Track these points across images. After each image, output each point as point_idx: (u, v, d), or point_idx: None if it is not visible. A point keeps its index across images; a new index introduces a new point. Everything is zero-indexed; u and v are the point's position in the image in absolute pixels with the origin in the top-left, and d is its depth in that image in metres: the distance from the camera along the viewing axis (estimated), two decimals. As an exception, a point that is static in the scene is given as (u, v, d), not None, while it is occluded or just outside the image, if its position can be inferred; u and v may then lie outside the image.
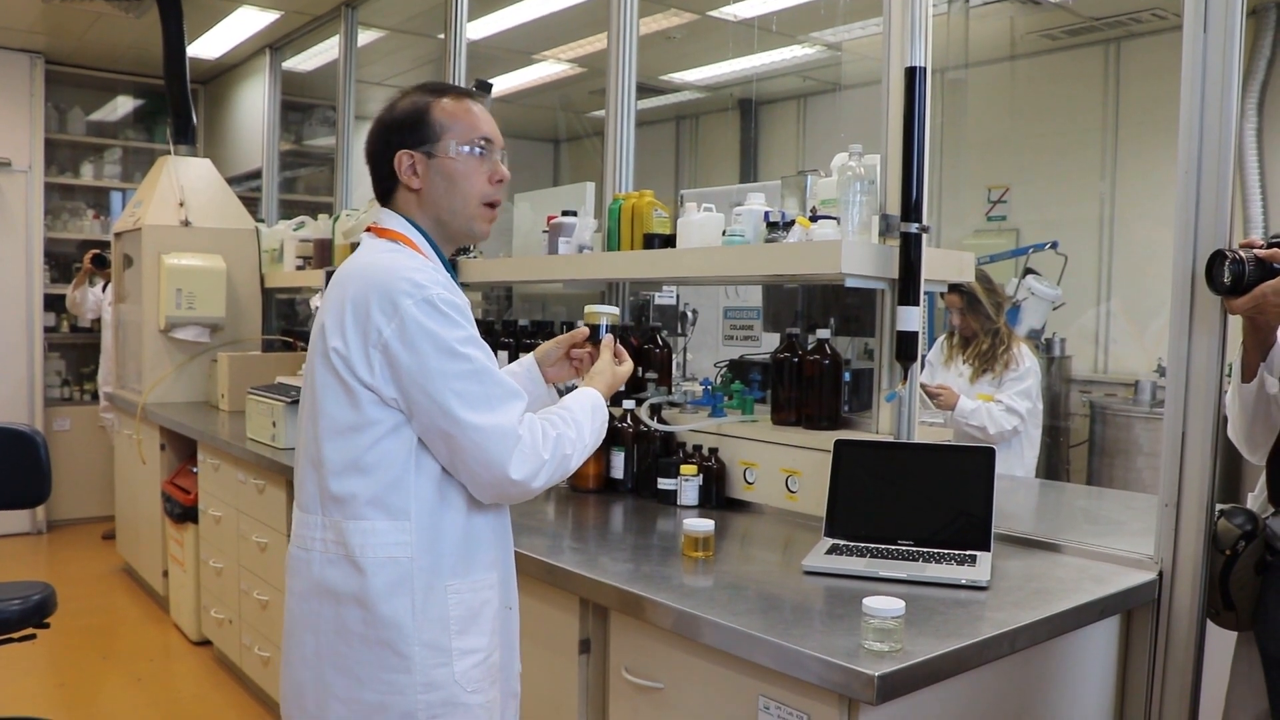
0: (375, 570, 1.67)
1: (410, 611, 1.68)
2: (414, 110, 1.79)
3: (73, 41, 6.49)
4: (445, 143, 1.77)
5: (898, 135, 2.44)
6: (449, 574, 1.72)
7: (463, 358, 1.65)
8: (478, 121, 1.81)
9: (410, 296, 1.64)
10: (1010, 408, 3.65)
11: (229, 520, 4.11)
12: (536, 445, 1.67)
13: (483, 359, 1.68)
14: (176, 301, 5.10)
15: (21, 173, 6.65)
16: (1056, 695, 2.02)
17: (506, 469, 1.64)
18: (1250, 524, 2.01)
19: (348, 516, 1.69)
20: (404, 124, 1.78)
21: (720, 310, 3.89)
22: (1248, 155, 4.92)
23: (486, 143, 1.81)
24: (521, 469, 1.65)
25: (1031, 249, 5.43)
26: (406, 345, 1.63)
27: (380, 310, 1.64)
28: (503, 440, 1.64)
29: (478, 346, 1.68)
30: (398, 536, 1.68)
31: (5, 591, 3.14)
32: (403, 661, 1.68)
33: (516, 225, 3.87)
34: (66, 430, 6.89)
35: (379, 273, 1.68)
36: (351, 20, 5.50)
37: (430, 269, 1.72)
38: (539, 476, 1.68)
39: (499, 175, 1.83)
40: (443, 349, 1.64)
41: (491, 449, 1.64)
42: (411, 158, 1.78)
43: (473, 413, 1.64)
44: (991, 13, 5.49)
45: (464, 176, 1.79)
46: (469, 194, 1.80)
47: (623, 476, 2.98)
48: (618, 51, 3.44)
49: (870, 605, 1.64)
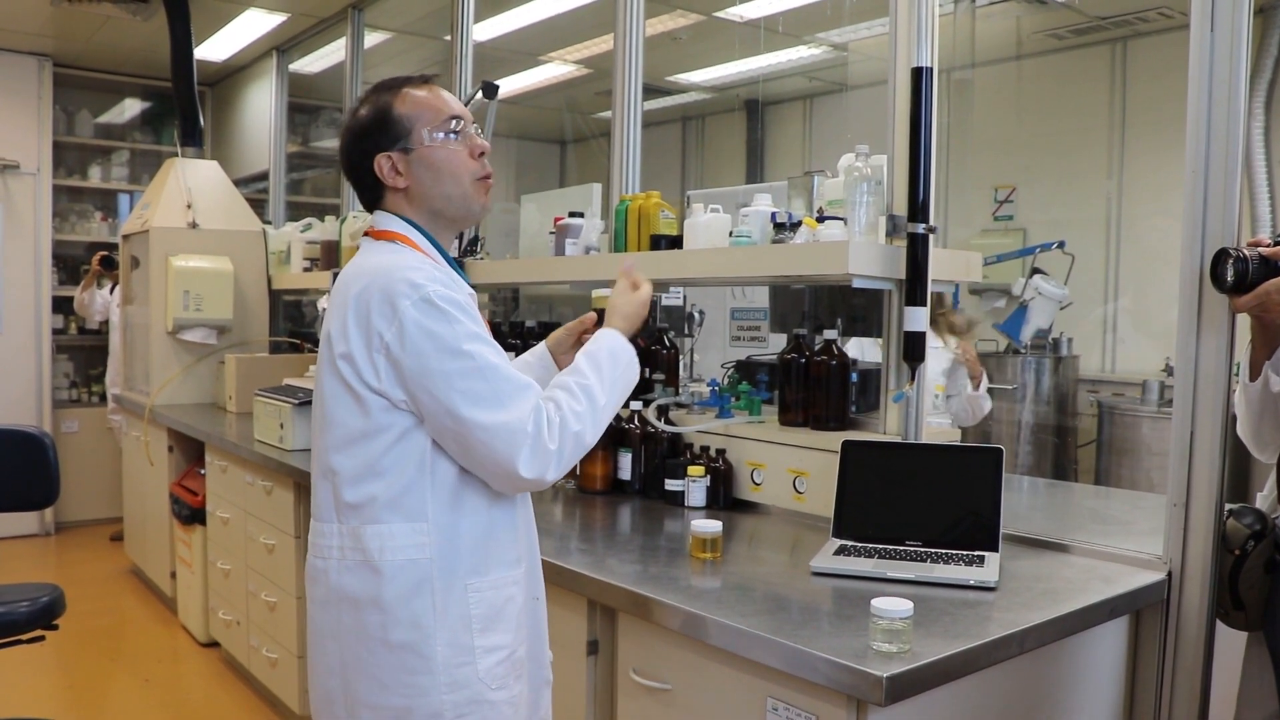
0: (394, 573, 1.67)
1: (431, 612, 1.68)
2: (377, 112, 1.77)
3: (81, 44, 6.52)
4: (418, 134, 1.76)
5: (904, 136, 2.44)
6: (469, 573, 1.71)
7: (465, 355, 1.63)
8: (442, 104, 1.79)
9: (408, 297, 1.62)
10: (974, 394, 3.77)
11: (237, 522, 4.12)
12: (543, 438, 1.64)
13: (487, 354, 1.65)
14: (184, 303, 5.11)
15: (30, 175, 6.68)
16: (1065, 696, 2.02)
17: (516, 467, 1.63)
18: (1260, 523, 2.00)
19: (365, 521, 1.69)
20: (372, 128, 1.77)
21: (727, 311, 3.89)
22: (1255, 154, 4.91)
23: (457, 121, 1.79)
24: (532, 466, 1.63)
25: (1038, 249, 5.42)
26: (408, 347, 1.62)
27: (380, 314, 1.63)
28: (510, 438, 1.62)
29: (481, 342, 1.66)
30: (416, 538, 1.68)
31: (14, 593, 3.15)
32: (425, 663, 1.67)
33: (523, 226, 3.87)
34: (75, 432, 6.91)
35: (377, 275, 1.66)
36: (358, 22, 5.51)
37: (429, 266, 1.71)
38: (550, 469, 1.65)
39: (479, 148, 1.81)
40: (444, 348, 1.62)
41: (499, 448, 1.62)
42: (390, 158, 1.76)
43: (479, 411, 1.62)
44: (998, 12, 5.48)
45: (447, 161, 1.77)
46: (458, 175, 1.79)
47: (630, 478, 2.98)
48: (624, 52, 3.44)
49: (879, 606, 1.64)
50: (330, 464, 1.72)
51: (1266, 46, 4.96)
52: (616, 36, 3.46)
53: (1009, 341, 5.33)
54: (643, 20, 3.45)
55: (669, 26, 5.70)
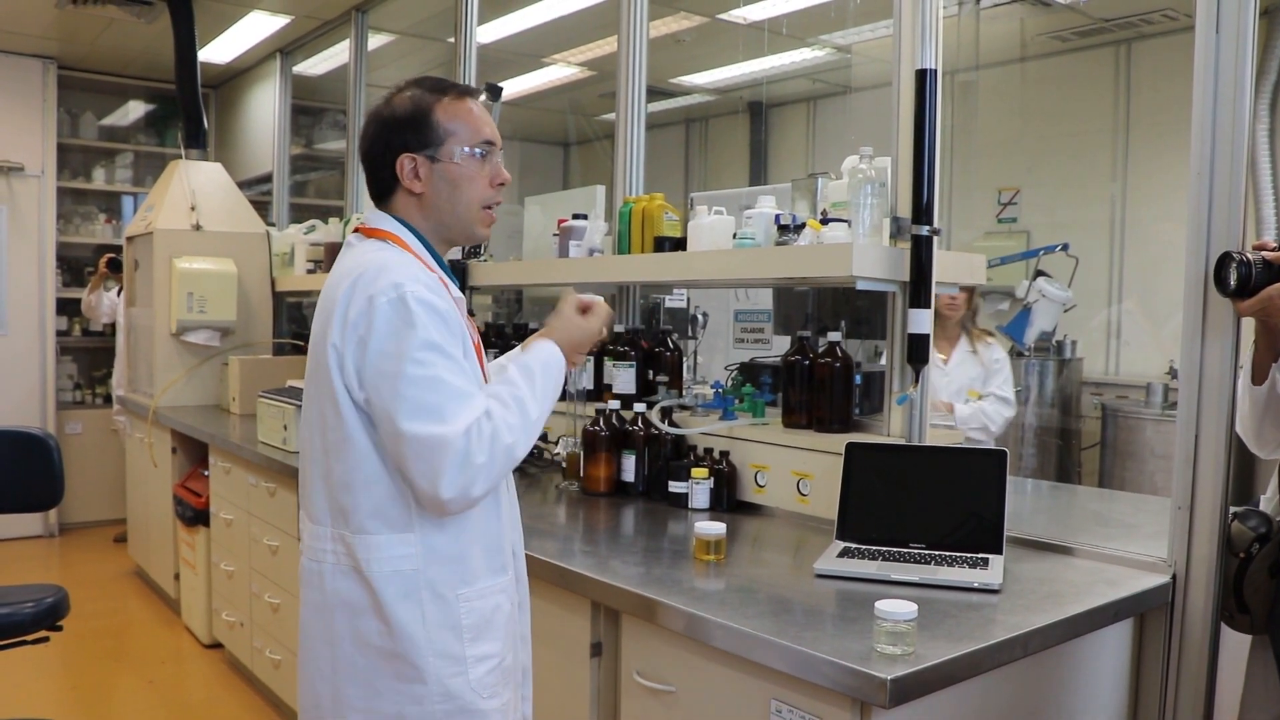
0: (384, 583, 1.67)
1: (421, 623, 1.67)
2: (416, 110, 1.74)
3: (85, 47, 6.53)
4: (449, 147, 1.73)
5: (908, 138, 2.44)
6: (458, 583, 1.71)
7: (417, 362, 1.58)
8: (480, 124, 1.77)
9: (385, 295, 1.60)
10: (1002, 398, 3.70)
11: (240, 523, 4.12)
12: (472, 453, 1.57)
13: (438, 365, 1.59)
14: (188, 305, 5.12)
15: (34, 177, 6.69)
16: (1070, 699, 2.01)
17: (438, 485, 1.57)
18: (1264, 526, 2.00)
19: (353, 530, 1.68)
20: (405, 124, 1.73)
21: (731, 313, 3.89)
22: (1260, 157, 4.89)
23: (489, 145, 1.77)
24: (455, 484, 1.57)
25: (1042, 251, 5.40)
26: (371, 344, 1.60)
27: (358, 309, 1.62)
28: (437, 454, 1.56)
29: (437, 352, 1.60)
30: (402, 549, 1.67)
31: (18, 594, 3.16)
32: (417, 672, 1.67)
33: (527, 228, 3.88)
34: (78, 434, 6.92)
35: (365, 272, 1.65)
36: (362, 24, 5.52)
37: (415, 267, 1.68)
38: (477, 484, 1.59)
39: (500, 178, 1.79)
40: (400, 351, 1.59)
41: (426, 462, 1.57)
42: (414, 161, 1.73)
43: (414, 422, 1.57)
44: (1002, 14, 5.47)
45: (467, 181, 1.75)
46: (471, 199, 1.77)
47: (634, 479, 2.97)
48: (628, 55, 3.44)
49: (882, 608, 1.63)
50: (323, 468, 1.71)
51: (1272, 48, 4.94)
52: (620, 38, 3.47)
53: (1012, 344, 5.32)
54: (646, 22, 3.46)
55: (672, 28, 5.70)
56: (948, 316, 3.83)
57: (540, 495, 3.02)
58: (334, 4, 5.50)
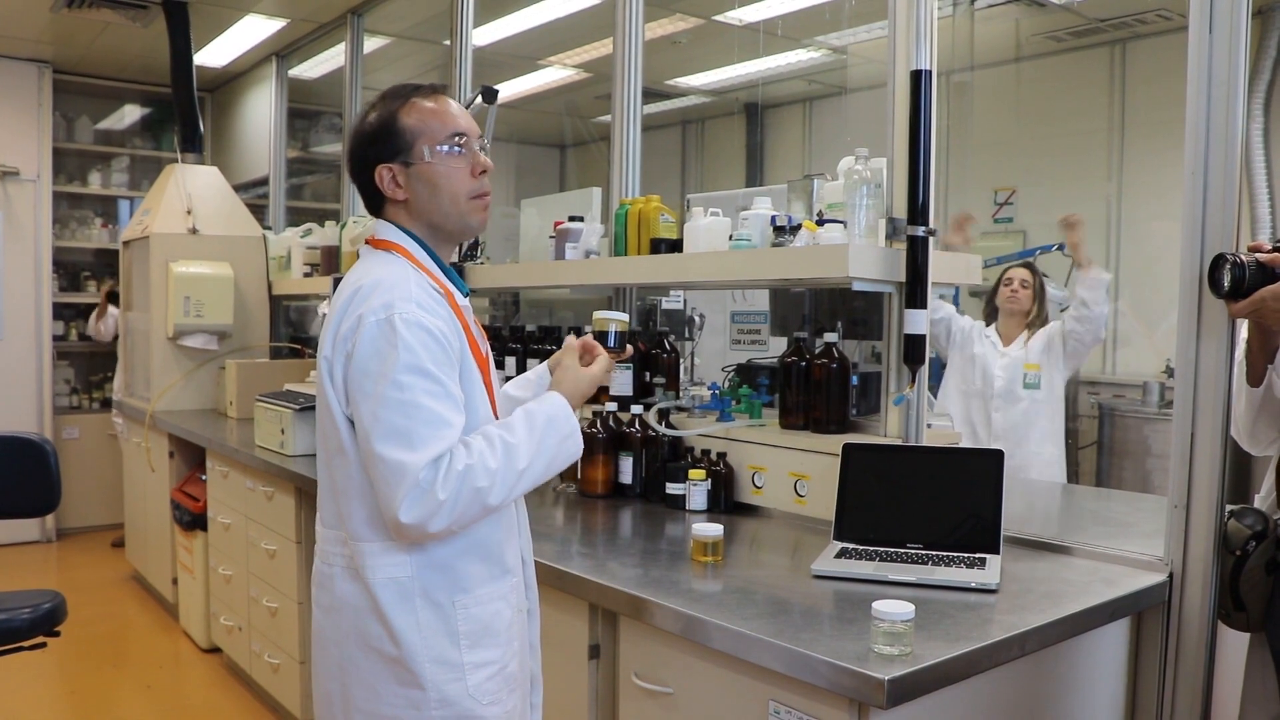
0: (381, 589, 1.68)
1: (417, 629, 1.68)
2: (381, 122, 1.74)
3: (80, 51, 6.52)
4: (419, 149, 1.73)
5: (904, 138, 2.44)
6: (455, 590, 1.71)
7: (397, 385, 1.58)
8: (447, 118, 1.75)
9: (375, 314, 1.62)
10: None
11: (238, 527, 4.12)
12: (434, 486, 1.55)
13: (418, 390, 1.59)
14: (185, 309, 5.11)
15: (30, 182, 6.68)
16: (1067, 698, 2.02)
17: (396, 510, 1.56)
18: (1261, 524, 2.00)
19: (352, 537, 1.70)
20: (375, 137, 1.74)
21: (727, 314, 3.89)
22: (1254, 156, 4.91)
23: (461, 137, 1.75)
24: (413, 512, 1.56)
25: (1038, 251, 5.40)
26: (355, 363, 1.62)
27: (348, 326, 1.65)
28: (399, 479, 1.56)
29: (420, 375, 1.59)
30: (396, 556, 1.68)
31: (15, 600, 3.15)
32: (415, 678, 1.68)
33: (523, 231, 3.88)
34: (76, 439, 6.91)
35: (361, 289, 1.67)
36: (357, 27, 5.52)
37: (415, 284, 1.68)
38: (436, 519, 1.57)
39: (481, 166, 1.77)
40: (381, 373, 1.59)
41: (388, 486, 1.57)
42: (390, 170, 1.74)
43: (385, 445, 1.57)
44: (997, 15, 5.48)
45: (445, 178, 1.74)
46: (455, 194, 1.76)
47: (631, 481, 2.97)
48: (623, 56, 3.45)
49: (880, 609, 1.64)
50: (328, 473, 1.75)
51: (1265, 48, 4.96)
52: (616, 40, 3.47)
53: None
54: (642, 24, 3.46)
55: (668, 30, 5.71)
56: (1011, 310, 3.94)
57: (538, 498, 3.02)
58: (330, 7, 5.50)
